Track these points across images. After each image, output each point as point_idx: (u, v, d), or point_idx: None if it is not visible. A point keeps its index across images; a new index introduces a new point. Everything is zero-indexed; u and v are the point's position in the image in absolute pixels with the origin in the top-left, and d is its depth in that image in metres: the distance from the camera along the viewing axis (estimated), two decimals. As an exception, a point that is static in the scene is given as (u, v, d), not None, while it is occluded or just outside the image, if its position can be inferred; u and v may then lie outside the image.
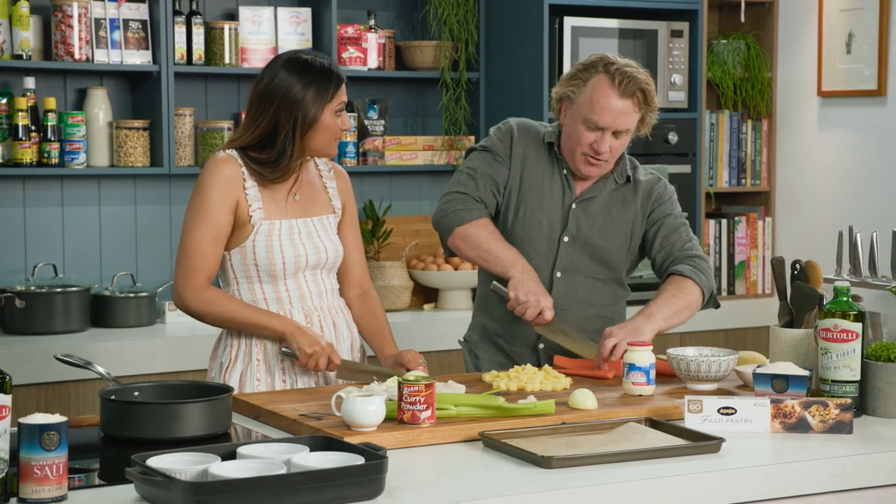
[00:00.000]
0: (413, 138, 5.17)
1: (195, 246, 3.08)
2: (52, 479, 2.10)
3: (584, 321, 3.35)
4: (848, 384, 2.82)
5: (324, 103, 3.08)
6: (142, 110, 4.76)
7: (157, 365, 4.35)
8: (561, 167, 3.35)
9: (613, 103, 3.21)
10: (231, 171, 3.10)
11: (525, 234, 3.34)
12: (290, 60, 3.12)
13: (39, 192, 4.67)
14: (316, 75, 3.08)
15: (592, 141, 3.24)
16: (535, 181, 3.34)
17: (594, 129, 3.23)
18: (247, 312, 3.09)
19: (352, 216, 3.30)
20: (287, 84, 3.07)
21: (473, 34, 5.20)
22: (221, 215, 3.08)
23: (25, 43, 4.47)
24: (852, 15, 5.22)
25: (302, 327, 3.08)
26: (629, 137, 3.29)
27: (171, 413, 2.51)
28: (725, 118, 5.57)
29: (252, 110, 3.12)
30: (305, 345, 3.03)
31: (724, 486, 2.41)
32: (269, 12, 4.90)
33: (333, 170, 3.30)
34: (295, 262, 3.12)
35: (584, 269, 3.35)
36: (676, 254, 3.33)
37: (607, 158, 3.27)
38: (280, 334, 3.07)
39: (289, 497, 2.10)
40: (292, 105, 3.07)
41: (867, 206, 5.22)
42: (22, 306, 4.40)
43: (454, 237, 3.31)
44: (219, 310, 3.09)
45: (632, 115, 3.24)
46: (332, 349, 3.05)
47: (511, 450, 2.46)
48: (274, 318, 3.09)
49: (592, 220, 3.34)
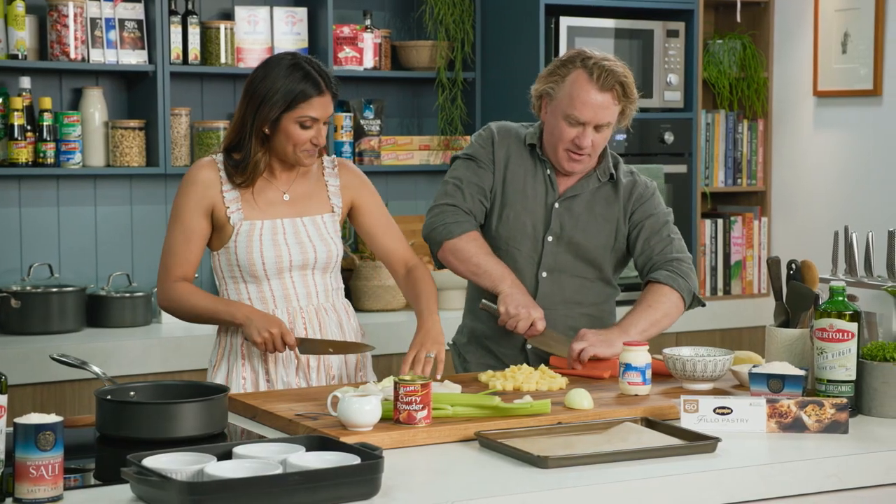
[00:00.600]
0: (409, 138, 5.17)
1: (168, 247, 3.16)
2: (47, 479, 2.10)
3: (572, 320, 3.35)
4: (843, 384, 2.82)
5: (283, 107, 3.04)
6: (138, 110, 4.76)
7: (153, 365, 4.35)
8: (544, 167, 3.36)
9: (593, 98, 3.22)
10: (207, 175, 3.12)
11: (509, 236, 3.35)
12: (279, 59, 3.11)
13: (35, 192, 4.67)
14: (290, 77, 3.05)
15: (574, 136, 3.25)
16: (518, 183, 3.35)
17: (575, 125, 3.24)
18: (206, 304, 3.11)
19: (373, 207, 3.27)
20: (261, 80, 3.07)
21: (469, 34, 5.20)
22: (193, 219, 3.11)
23: (21, 42, 4.47)
24: (848, 15, 5.23)
25: (252, 313, 3.06)
26: (611, 131, 3.29)
27: (166, 413, 2.51)
28: (721, 118, 5.58)
29: (238, 104, 3.15)
30: (255, 334, 3.04)
31: (719, 485, 2.41)
32: (265, 12, 4.90)
33: (339, 167, 3.26)
34: (276, 263, 3.11)
35: (570, 269, 3.35)
36: (655, 258, 3.34)
37: (590, 153, 3.28)
38: (234, 324, 3.10)
39: (285, 497, 2.10)
40: (256, 101, 3.06)
41: (863, 205, 5.22)
42: (18, 306, 4.39)
43: (444, 251, 3.34)
44: (185, 305, 3.12)
45: (611, 109, 3.24)
46: (282, 330, 3.03)
47: (507, 450, 2.46)
48: (230, 306, 3.10)
49: (576, 218, 3.34)
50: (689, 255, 3.38)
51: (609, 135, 3.30)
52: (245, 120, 3.09)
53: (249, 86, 3.10)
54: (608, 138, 3.30)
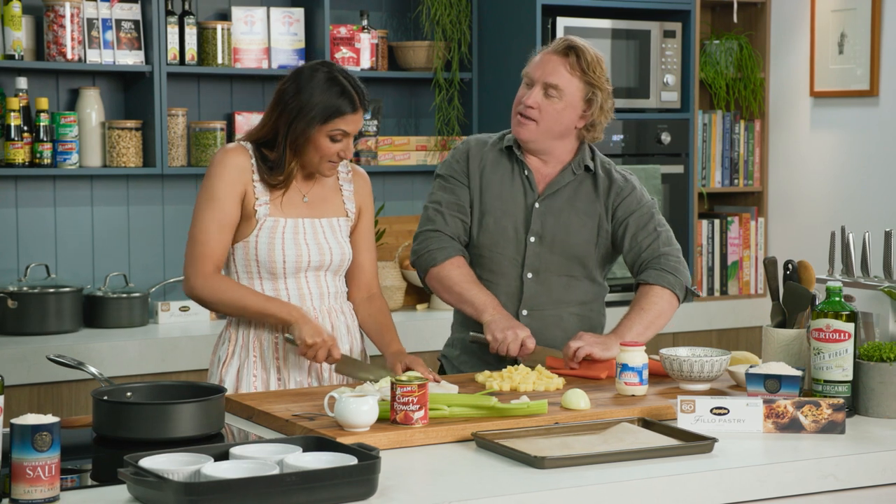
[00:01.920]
0: (406, 138, 5.17)
1: (202, 234, 3.09)
2: (44, 480, 2.10)
3: (560, 321, 3.36)
4: (840, 384, 2.82)
5: (317, 123, 3.05)
6: (134, 110, 4.75)
7: (150, 365, 4.35)
8: (521, 169, 3.38)
9: (543, 56, 3.33)
10: (241, 160, 3.11)
11: (492, 242, 3.36)
12: (317, 69, 3.10)
13: (32, 193, 4.67)
14: (327, 93, 3.05)
15: (523, 95, 3.32)
16: (496, 188, 3.37)
17: (529, 85, 3.32)
18: (254, 299, 3.09)
19: (367, 220, 3.29)
20: (297, 92, 3.06)
21: (466, 34, 5.20)
22: (228, 203, 3.09)
23: (17, 43, 4.46)
24: (844, 15, 5.23)
25: (307, 317, 3.07)
26: (564, 106, 3.29)
27: (163, 413, 2.51)
28: (718, 118, 5.58)
29: (269, 106, 3.13)
30: (307, 335, 3.03)
31: (716, 485, 2.41)
32: (261, 12, 4.90)
33: (353, 172, 3.28)
34: (296, 262, 3.12)
35: (555, 268, 3.36)
36: (644, 255, 3.35)
37: (534, 116, 3.30)
38: (285, 322, 3.07)
39: (282, 497, 2.10)
40: (292, 112, 3.06)
41: (860, 206, 5.22)
42: (14, 307, 4.39)
43: (430, 278, 3.37)
44: (226, 296, 3.09)
45: (560, 71, 3.29)
46: (333, 342, 3.05)
47: (504, 450, 2.46)
48: (280, 305, 3.09)
49: (557, 216, 3.35)
50: (677, 247, 3.38)
51: (561, 109, 3.29)
52: (278, 128, 3.08)
53: (282, 96, 3.08)
54: (561, 113, 3.30)
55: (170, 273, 4.87)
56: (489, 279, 3.36)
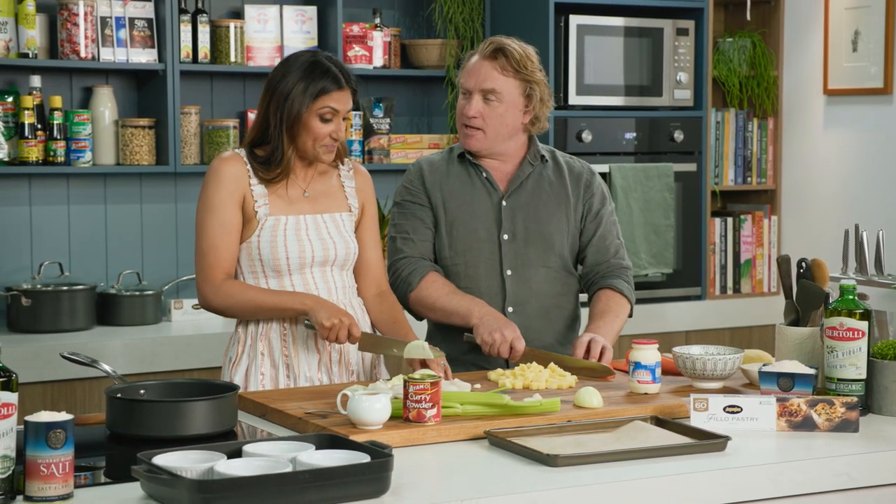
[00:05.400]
0: (418, 136, 5.17)
1: (208, 243, 3.11)
2: (58, 478, 2.10)
3: (543, 312, 3.39)
4: (854, 382, 2.82)
5: (306, 102, 3.08)
6: (147, 109, 4.76)
7: (163, 363, 4.36)
8: (479, 172, 3.41)
9: (473, 64, 3.35)
10: (235, 168, 3.13)
11: (465, 248, 3.38)
12: (298, 57, 3.15)
13: (45, 191, 4.68)
14: (311, 73, 3.09)
15: (463, 107, 3.34)
16: (458, 196, 3.40)
17: (466, 96, 3.34)
18: (266, 296, 3.10)
19: (371, 216, 3.30)
20: (282, 77, 3.10)
21: (479, 32, 5.20)
22: (228, 210, 3.11)
23: (31, 41, 4.48)
24: (858, 13, 5.22)
25: (321, 300, 3.08)
26: (505, 107, 3.32)
27: (176, 411, 2.51)
28: (731, 116, 5.57)
29: (259, 100, 3.17)
30: (324, 318, 3.03)
31: (729, 484, 2.41)
32: (274, 11, 4.90)
33: (354, 169, 3.30)
34: (300, 258, 3.13)
35: (532, 261, 3.38)
36: (611, 261, 3.45)
37: (479, 125, 3.33)
38: (301, 313, 3.08)
39: (294, 495, 2.10)
40: (280, 98, 3.10)
41: (873, 204, 5.21)
42: (28, 304, 4.40)
43: (411, 304, 3.39)
44: (240, 300, 3.10)
45: (494, 75, 3.31)
46: (352, 321, 3.05)
47: (517, 448, 2.46)
48: (293, 297, 3.10)
49: (525, 209, 3.39)
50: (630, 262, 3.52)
51: (503, 111, 3.32)
52: (269, 118, 3.12)
53: (270, 84, 3.13)
54: (504, 115, 3.33)
55: (183, 271, 4.88)
56: (469, 286, 3.37)
